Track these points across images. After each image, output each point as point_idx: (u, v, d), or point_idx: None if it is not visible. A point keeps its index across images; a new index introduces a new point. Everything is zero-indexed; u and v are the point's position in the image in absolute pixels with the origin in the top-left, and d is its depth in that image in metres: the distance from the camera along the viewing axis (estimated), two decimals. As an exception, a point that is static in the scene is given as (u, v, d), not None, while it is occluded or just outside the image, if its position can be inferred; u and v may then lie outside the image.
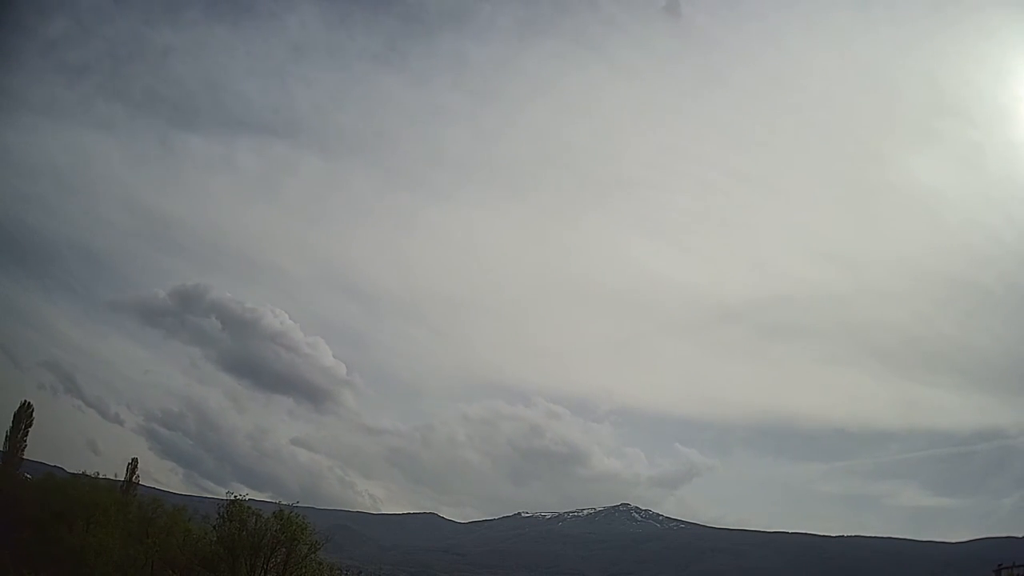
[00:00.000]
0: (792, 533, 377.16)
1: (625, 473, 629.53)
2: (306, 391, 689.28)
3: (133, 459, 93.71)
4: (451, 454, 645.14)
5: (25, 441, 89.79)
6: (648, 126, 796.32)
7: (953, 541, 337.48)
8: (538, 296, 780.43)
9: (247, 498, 68.90)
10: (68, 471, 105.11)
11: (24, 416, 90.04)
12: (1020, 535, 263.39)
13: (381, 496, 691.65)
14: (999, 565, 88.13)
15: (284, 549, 64.45)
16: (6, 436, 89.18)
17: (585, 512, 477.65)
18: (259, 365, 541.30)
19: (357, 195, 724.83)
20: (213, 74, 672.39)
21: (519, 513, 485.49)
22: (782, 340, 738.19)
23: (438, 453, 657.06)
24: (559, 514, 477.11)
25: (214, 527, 67.62)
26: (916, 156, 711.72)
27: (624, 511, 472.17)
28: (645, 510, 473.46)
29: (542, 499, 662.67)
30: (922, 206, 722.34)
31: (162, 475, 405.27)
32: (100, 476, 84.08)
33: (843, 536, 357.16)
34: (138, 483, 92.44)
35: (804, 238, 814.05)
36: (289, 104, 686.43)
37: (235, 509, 65.12)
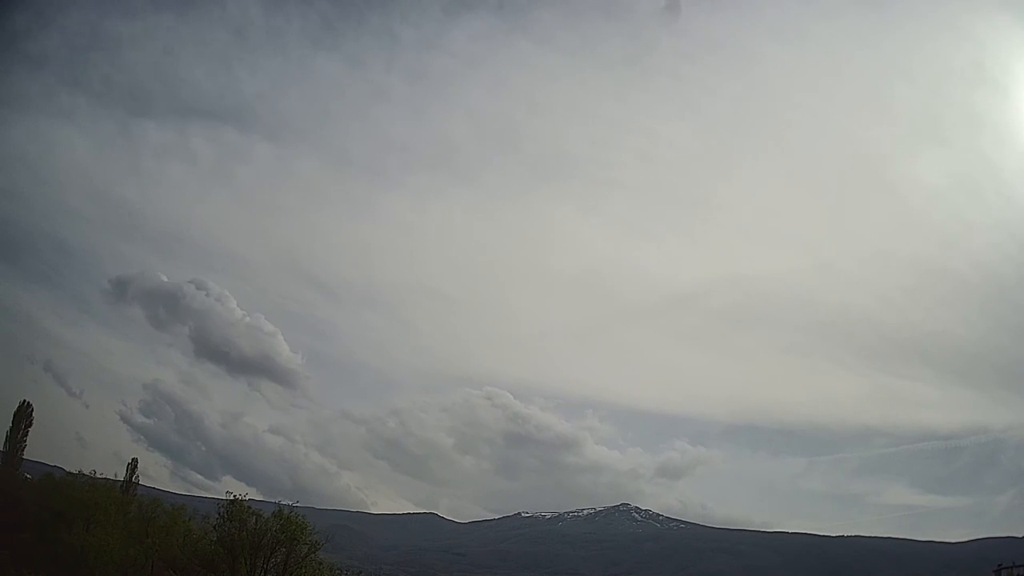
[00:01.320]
0: (792, 533, 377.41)
1: (607, 464, 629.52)
2: (274, 378, 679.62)
3: (133, 459, 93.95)
4: (422, 442, 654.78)
5: (25, 441, 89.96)
6: (591, 103, 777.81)
7: (953, 541, 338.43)
8: (495, 282, 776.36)
9: (247, 498, 68.91)
10: (67, 471, 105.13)
11: (24, 416, 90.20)
12: (1020, 535, 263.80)
13: (358, 484, 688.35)
14: (999, 565, 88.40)
15: (284, 549, 64.45)
16: (6, 436, 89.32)
17: (585, 512, 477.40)
18: (227, 354, 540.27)
19: (310, 182, 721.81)
20: (163, 62, 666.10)
21: (519, 513, 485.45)
22: (747, 329, 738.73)
23: (411, 441, 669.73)
24: (559, 514, 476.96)
25: (214, 527, 67.61)
26: (883, 138, 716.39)
27: (624, 511, 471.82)
28: (645, 510, 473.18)
29: (523, 490, 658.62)
30: (889, 189, 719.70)
31: (152, 469, 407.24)
32: (99, 476, 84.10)
33: (843, 536, 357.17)
34: (138, 483, 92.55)
35: (767, 223, 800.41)
36: (236, 89, 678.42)
37: (235, 509, 65.09)
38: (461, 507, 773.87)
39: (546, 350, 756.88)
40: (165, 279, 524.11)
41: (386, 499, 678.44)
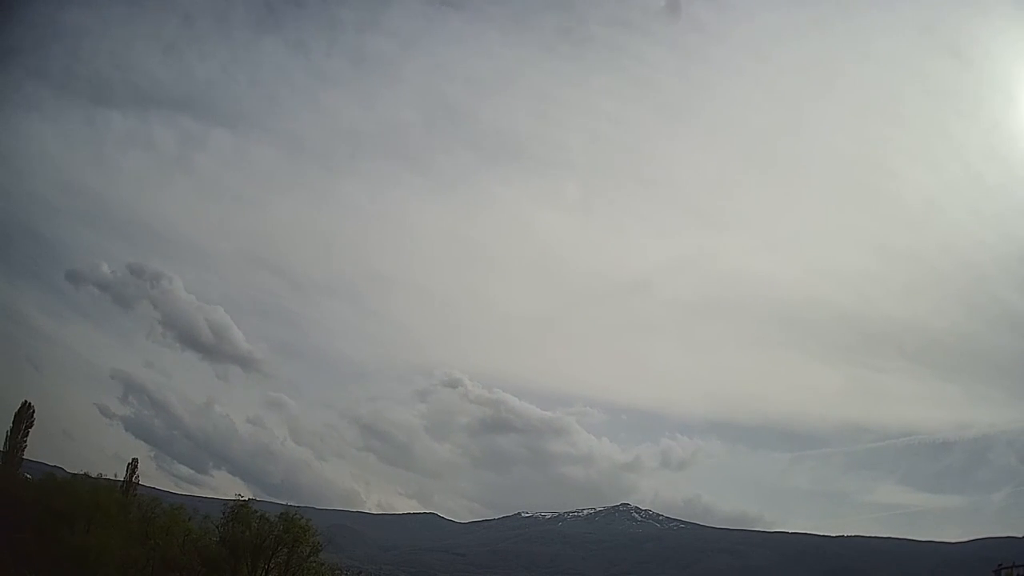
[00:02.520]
0: (792, 533, 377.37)
1: (582, 455, 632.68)
2: (241, 366, 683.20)
3: (133, 459, 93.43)
4: (398, 431, 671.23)
5: (25, 441, 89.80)
6: (533, 81, 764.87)
7: (952, 541, 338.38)
8: (455, 270, 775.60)
9: (247, 498, 68.99)
10: (68, 471, 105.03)
11: (24, 416, 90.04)
12: (1020, 535, 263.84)
13: (334, 475, 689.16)
14: (999, 565, 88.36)
15: (286, 550, 64.50)
16: (6, 436, 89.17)
17: (585, 512, 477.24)
18: (195, 340, 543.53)
19: (267, 170, 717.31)
20: (120, 51, 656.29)
21: (519, 513, 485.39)
22: (708, 319, 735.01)
23: (385, 430, 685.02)
24: (559, 514, 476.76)
25: (217, 527, 67.64)
26: (847, 123, 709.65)
27: (624, 511, 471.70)
28: (645, 510, 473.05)
29: (496, 475, 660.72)
30: (855, 174, 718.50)
31: (123, 452, 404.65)
32: (100, 476, 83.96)
33: (843, 536, 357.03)
34: (138, 483, 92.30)
35: (731, 211, 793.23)
36: (189, 76, 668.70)
37: (240, 511, 65.16)
38: (441, 498, 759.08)
39: (512, 338, 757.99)
40: (128, 267, 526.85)
41: (368, 488, 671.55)
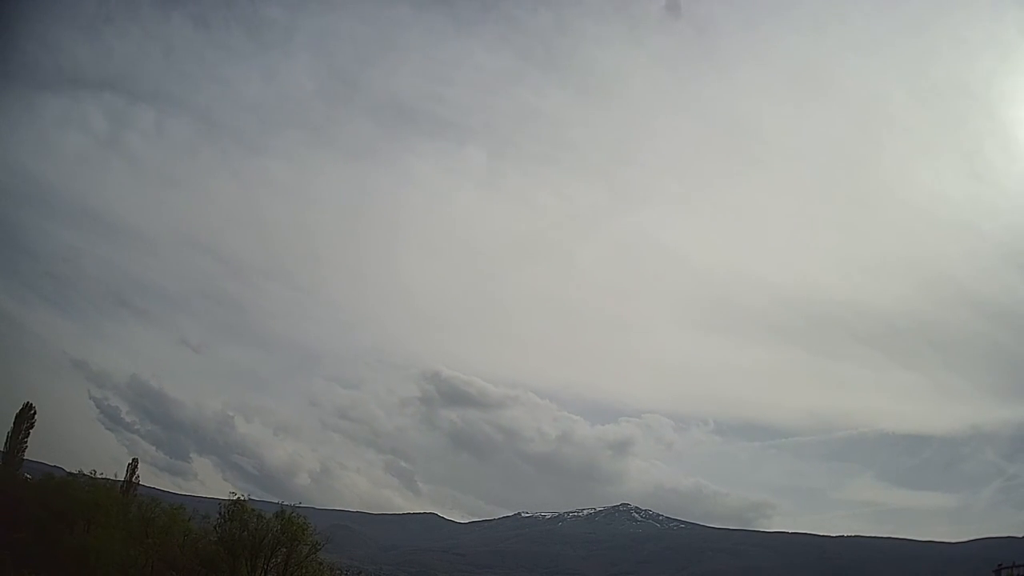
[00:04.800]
0: (792, 533, 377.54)
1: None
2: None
3: (133, 459, 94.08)
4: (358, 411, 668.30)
5: (25, 442, 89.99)
6: (422, 43, 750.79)
7: (953, 541, 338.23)
8: (383, 252, 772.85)
9: (248, 498, 69.04)
10: (68, 471, 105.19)
11: (25, 416, 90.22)
12: (1020, 535, 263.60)
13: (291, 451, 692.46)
14: (999, 565, 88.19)
15: (284, 549, 64.54)
16: (7, 436, 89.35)
17: (585, 512, 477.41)
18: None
19: (190, 148, 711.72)
20: (47, 33, 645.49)
21: (519, 513, 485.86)
22: (628, 298, 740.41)
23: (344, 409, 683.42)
24: (559, 514, 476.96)
25: (215, 527, 67.69)
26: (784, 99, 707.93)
27: (624, 511, 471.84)
28: (645, 510, 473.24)
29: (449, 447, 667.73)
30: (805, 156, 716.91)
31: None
32: (100, 475, 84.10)
33: (843, 536, 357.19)
34: (138, 483, 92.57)
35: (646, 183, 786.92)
36: (109, 56, 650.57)
37: (236, 510, 65.20)
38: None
39: (437, 317, 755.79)
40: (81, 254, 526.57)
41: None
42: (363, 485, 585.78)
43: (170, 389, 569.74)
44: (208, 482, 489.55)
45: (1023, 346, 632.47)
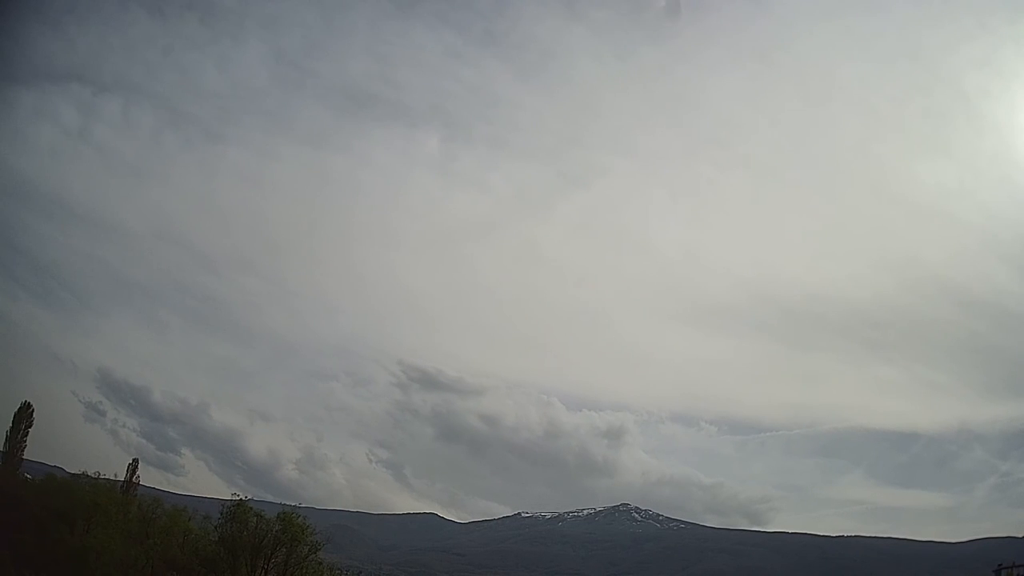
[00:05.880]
0: (792, 533, 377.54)
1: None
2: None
3: (133, 459, 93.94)
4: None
5: (25, 441, 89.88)
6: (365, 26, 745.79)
7: (953, 541, 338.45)
8: (343, 241, 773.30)
9: (248, 498, 69.00)
10: (68, 471, 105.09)
11: (24, 416, 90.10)
12: (1020, 535, 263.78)
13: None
14: (999, 565, 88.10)
15: (284, 550, 64.48)
16: (6, 436, 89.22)
17: (585, 512, 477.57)
18: None
19: (156, 140, 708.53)
20: (17, 27, 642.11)
21: (519, 513, 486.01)
22: (589, 284, 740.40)
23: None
24: (559, 514, 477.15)
25: (215, 527, 67.63)
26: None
27: (624, 511, 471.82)
28: (645, 510, 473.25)
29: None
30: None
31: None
32: (100, 475, 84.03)
33: (843, 536, 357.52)
34: (138, 483, 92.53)
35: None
36: (72, 47, 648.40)
37: (238, 510, 65.14)
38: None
39: (403, 306, 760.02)
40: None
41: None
42: (347, 476, 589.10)
43: (146, 381, 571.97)
44: (195, 475, 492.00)
45: (1007, 341, 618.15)
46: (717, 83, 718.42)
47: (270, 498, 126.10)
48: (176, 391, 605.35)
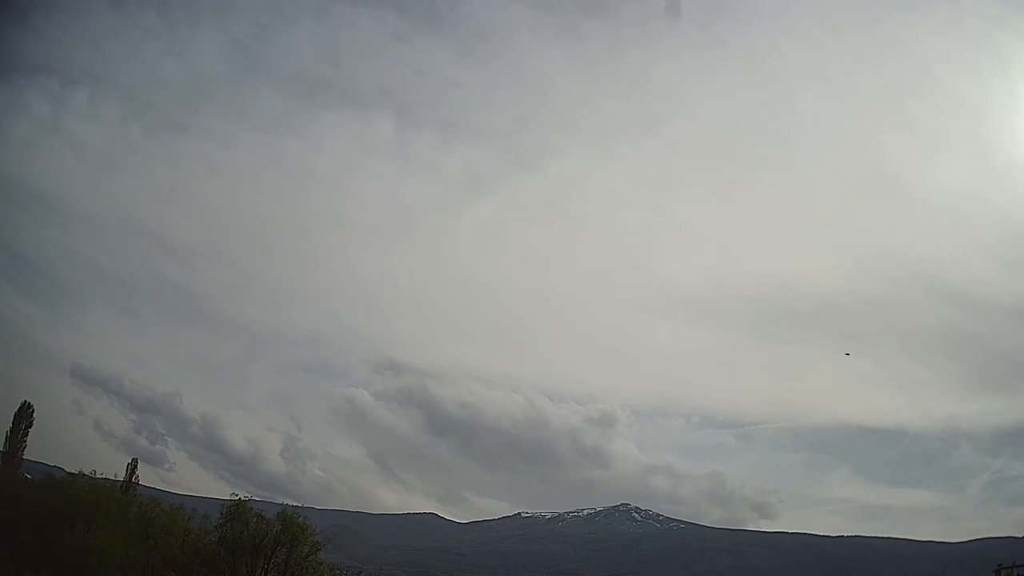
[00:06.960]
0: (792, 533, 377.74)
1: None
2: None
3: (133, 459, 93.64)
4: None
5: (25, 441, 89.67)
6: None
7: (953, 541, 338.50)
8: (306, 229, 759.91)
9: (249, 498, 69.03)
10: (68, 471, 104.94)
11: (24, 416, 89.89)
12: (1020, 535, 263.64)
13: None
14: (999, 565, 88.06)
15: (284, 550, 64.48)
16: (6, 436, 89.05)
17: (585, 512, 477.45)
18: None
19: (127, 132, 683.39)
20: None
21: (519, 513, 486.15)
22: (549, 270, 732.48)
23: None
24: (559, 514, 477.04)
25: (216, 527, 67.61)
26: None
27: (624, 511, 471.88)
28: (645, 510, 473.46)
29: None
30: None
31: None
32: (100, 475, 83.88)
33: (843, 536, 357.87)
34: (138, 483, 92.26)
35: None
36: (37, 39, 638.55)
37: (238, 510, 65.13)
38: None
39: (375, 297, 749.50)
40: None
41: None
42: (328, 468, 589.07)
43: (123, 373, 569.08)
44: (183, 471, 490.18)
45: (986, 333, 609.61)
46: (673, 68, 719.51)
47: (270, 498, 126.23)
48: (152, 383, 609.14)
